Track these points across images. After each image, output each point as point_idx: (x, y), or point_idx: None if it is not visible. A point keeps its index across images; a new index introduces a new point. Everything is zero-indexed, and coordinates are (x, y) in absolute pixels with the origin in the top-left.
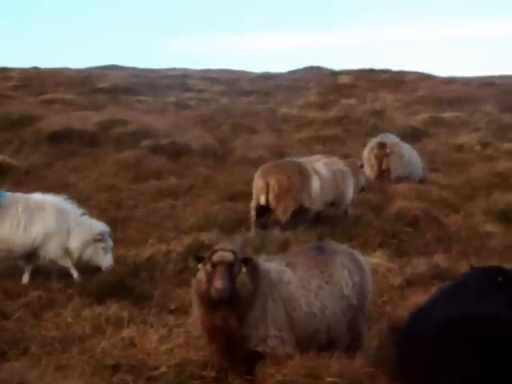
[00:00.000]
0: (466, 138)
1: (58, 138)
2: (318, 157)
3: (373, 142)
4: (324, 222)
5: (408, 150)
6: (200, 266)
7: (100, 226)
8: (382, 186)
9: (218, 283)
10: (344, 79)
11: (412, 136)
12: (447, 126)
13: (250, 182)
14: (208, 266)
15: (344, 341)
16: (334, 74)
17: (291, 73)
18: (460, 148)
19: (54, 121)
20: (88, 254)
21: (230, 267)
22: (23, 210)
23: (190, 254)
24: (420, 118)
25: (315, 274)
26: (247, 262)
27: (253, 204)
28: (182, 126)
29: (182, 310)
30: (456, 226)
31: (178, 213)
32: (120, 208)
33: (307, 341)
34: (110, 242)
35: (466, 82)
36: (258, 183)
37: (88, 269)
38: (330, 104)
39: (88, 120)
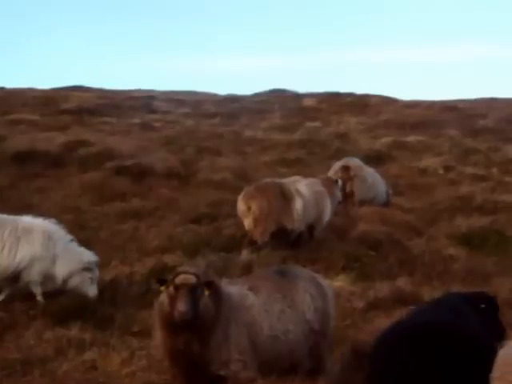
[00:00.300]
0: (429, 161)
1: (22, 158)
2: (297, 178)
3: (337, 165)
4: (288, 245)
5: (371, 174)
6: (163, 288)
7: (90, 256)
8: (345, 209)
9: (181, 306)
10: (308, 102)
11: (376, 159)
12: (410, 150)
13: (213, 204)
14: (171, 289)
15: (306, 365)
16: (298, 96)
17: (256, 95)
18: (423, 172)
19: (19, 141)
20: (75, 282)
21: (192, 290)
22: (10, 233)
23: (154, 276)
24: (384, 141)
25: (278, 298)
26: (210, 285)
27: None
28: (146, 147)
29: (145, 333)
30: (419, 249)
31: (142, 235)
32: (83, 229)
33: (269, 365)
34: (97, 272)
35: (429, 106)
36: (240, 207)
37: (50, 291)
38: (294, 127)
39: (52, 141)
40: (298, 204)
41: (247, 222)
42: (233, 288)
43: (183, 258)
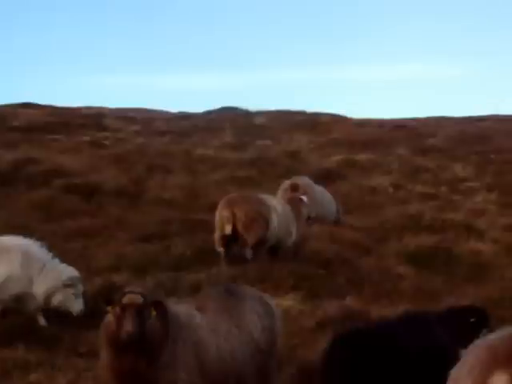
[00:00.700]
0: (378, 180)
1: None
2: (268, 195)
3: (286, 183)
4: (237, 264)
5: (321, 192)
6: (109, 308)
7: (70, 272)
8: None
9: (127, 326)
10: (259, 120)
11: (326, 178)
12: (360, 168)
13: (163, 222)
14: (117, 309)
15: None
16: (249, 114)
17: (207, 113)
18: (373, 190)
19: None
20: (58, 299)
21: (139, 310)
22: None
23: (102, 295)
24: (334, 159)
25: (225, 318)
26: (157, 305)
27: (216, 235)
28: (96, 165)
29: (92, 353)
30: (368, 268)
31: (90, 253)
32: None
33: None
34: (81, 287)
35: (379, 124)
36: (222, 213)
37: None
38: (245, 145)
39: (0, 158)
40: (274, 218)
41: (229, 229)
42: (180, 308)
43: (132, 277)
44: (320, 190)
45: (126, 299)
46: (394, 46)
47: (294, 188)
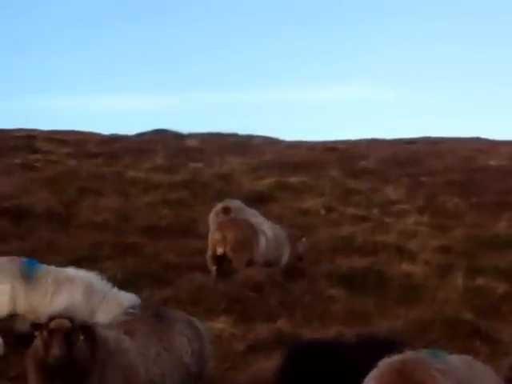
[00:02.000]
0: (311, 202)
1: None
2: (262, 219)
3: (217, 206)
4: (169, 286)
5: (253, 215)
6: (37, 333)
7: (131, 299)
8: None
9: (55, 350)
10: (191, 142)
11: (258, 200)
12: (293, 191)
13: (94, 245)
14: (45, 333)
15: None
16: (181, 137)
17: (139, 135)
18: (305, 212)
19: None
20: None
21: (67, 334)
22: (52, 282)
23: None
24: (266, 182)
25: (154, 341)
26: (85, 329)
27: (208, 254)
28: (27, 188)
29: (22, 377)
30: (300, 290)
31: None
32: None
33: None
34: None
35: (311, 146)
36: (215, 236)
37: None
38: (177, 167)
39: None
40: (262, 241)
41: (220, 251)
42: (109, 332)
43: None
44: (252, 213)
45: (53, 324)
46: (325, 69)
47: (226, 211)
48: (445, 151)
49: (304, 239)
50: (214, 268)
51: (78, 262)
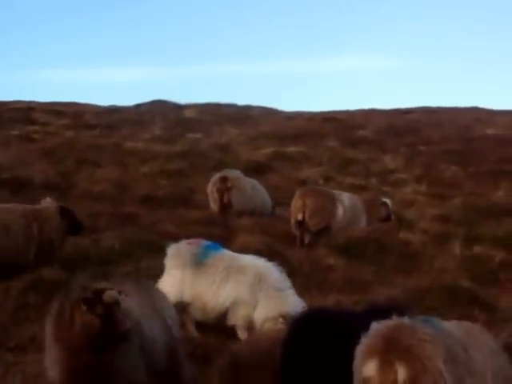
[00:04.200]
0: (309, 172)
1: None
2: (341, 192)
3: (215, 176)
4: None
5: (251, 185)
6: (84, 307)
7: (293, 306)
8: (225, 220)
9: (125, 323)
10: (189, 113)
11: (256, 170)
12: (291, 161)
13: (92, 216)
14: (99, 308)
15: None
16: (179, 107)
17: (137, 106)
18: (303, 182)
19: None
20: (265, 326)
21: (119, 303)
22: (222, 270)
23: (30, 290)
24: (264, 152)
25: (145, 303)
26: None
27: (292, 221)
28: (25, 159)
29: (21, 348)
30: (299, 259)
31: None
32: None
33: None
34: None
35: (310, 117)
36: (295, 203)
37: None
38: (175, 138)
39: None
40: (339, 209)
41: (300, 216)
42: None
43: (61, 271)
44: (250, 183)
45: (107, 297)
46: (322, 39)
47: (223, 180)
48: (443, 121)
49: (388, 200)
50: (298, 234)
51: None
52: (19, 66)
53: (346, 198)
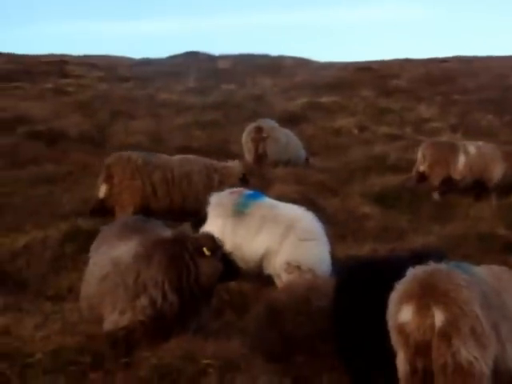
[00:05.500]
0: (343, 122)
1: None
2: (468, 142)
3: (250, 126)
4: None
5: (286, 135)
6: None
7: (312, 258)
8: (260, 170)
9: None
10: (223, 64)
11: (290, 121)
12: (325, 111)
13: None
14: (219, 253)
15: None
16: (212, 59)
17: (171, 58)
18: (338, 132)
19: None
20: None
21: None
22: (258, 219)
23: (67, 240)
24: (298, 102)
25: None
26: None
27: (413, 172)
28: (59, 112)
29: (59, 297)
30: (334, 208)
31: (56, 199)
32: None
33: None
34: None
35: (343, 67)
36: (418, 155)
37: None
38: (209, 89)
39: None
40: (461, 159)
41: (421, 168)
42: None
43: (97, 221)
44: (285, 133)
45: (220, 242)
46: None
47: (258, 131)
48: (478, 69)
49: None
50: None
51: None
52: (52, 19)
53: (472, 148)
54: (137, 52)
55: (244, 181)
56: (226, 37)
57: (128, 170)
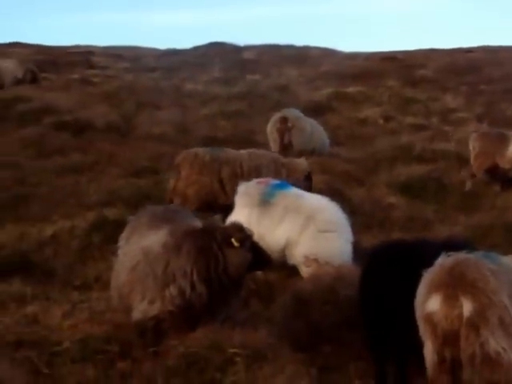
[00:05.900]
0: (369, 112)
1: None
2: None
3: (275, 116)
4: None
5: (311, 125)
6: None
7: (330, 251)
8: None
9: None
10: (248, 55)
11: (315, 111)
12: (350, 101)
13: (153, 157)
14: (248, 243)
15: None
16: (238, 49)
17: (196, 49)
18: (363, 122)
19: None
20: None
21: None
22: (282, 209)
23: (94, 229)
24: (324, 92)
25: None
26: None
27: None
28: (85, 102)
29: (86, 286)
30: (359, 198)
31: (82, 189)
32: (23, 185)
33: None
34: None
35: (369, 57)
36: (469, 146)
37: None
38: (234, 79)
39: None
40: (509, 149)
41: (471, 159)
42: None
43: (124, 211)
44: (310, 122)
45: (249, 232)
46: None
47: (283, 120)
48: (504, 60)
49: None
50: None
51: (138, 174)
52: (78, 10)
53: None
54: (162, 43)
55: (308, 178)
56: (251, 27)
57: (196, 165)
